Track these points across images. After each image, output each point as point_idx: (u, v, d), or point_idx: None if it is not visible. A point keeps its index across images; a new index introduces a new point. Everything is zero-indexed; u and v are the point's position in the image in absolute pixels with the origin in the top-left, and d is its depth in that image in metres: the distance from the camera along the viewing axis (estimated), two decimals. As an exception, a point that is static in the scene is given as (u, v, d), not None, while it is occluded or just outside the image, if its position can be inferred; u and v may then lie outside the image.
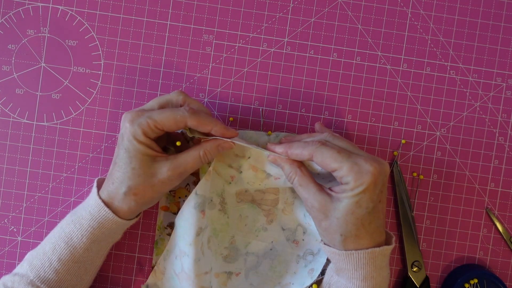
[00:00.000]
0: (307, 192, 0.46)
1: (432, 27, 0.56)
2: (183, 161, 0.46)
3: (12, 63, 0.55)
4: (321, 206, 0.45)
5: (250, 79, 0.55)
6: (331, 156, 0.44)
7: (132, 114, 0.46)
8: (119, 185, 0.46)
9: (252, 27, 0.55)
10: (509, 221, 0.56)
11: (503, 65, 0.56)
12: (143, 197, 0.46)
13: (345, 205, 0.44)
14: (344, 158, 0.44)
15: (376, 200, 0.44)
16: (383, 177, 0.45)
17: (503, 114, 0.56)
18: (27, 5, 0.55)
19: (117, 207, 0.47)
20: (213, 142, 0.47)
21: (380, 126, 0.55)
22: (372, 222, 0.45)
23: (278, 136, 0.53)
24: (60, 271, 0.47)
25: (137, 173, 0.45)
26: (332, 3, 0.55)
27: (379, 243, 0.46)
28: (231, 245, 0.53)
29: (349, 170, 0.44)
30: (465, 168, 0.56)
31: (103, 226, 0.47)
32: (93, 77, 0.55)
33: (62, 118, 0.55)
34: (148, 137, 0.45)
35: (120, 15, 0.55)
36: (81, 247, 0.47)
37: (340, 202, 0.44)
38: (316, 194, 0.45)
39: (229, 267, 0.53)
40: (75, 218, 0.47)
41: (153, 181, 0.46)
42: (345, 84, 0.55)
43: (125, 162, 0.46)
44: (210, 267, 0.50)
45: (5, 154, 0.55)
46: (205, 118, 0.46)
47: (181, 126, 0.46)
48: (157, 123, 0.45)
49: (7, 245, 0.55)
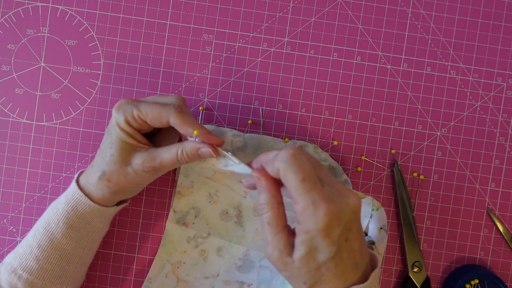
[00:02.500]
0: (271, 237, 0.40)
1: (432, 27, 0.55)
2: (159, 155, 0.46)
3: (11, 62, 0.55)
4: (280, 256, 0.40)
5: (250, 79, 0.55)
6: (292, 181, 0.39)
7: (121, 101, 0.46)
8: (96, 169, 0.46)
9: (252, 26, 0.55)
10: (510, 221, 0.55)
11: (503, 65, 0.56)
12: (117, 185, 0.46)
13: (301, 254, 0.39)
14: (304, 191, 0.38)
15: (340, 241, 0.39)
16: (345, 215, 0.39)
17: (504, 114, 0.56)
18: (26, 4, 0.55)
19: (91, 192, 0.47)
20: (195, 143, 0.45)
21: (380, 126, 0.55)
22: (339, 264, 0.39)
23: (295, 143, 0.53)
24: (40, 258, 0.46)
25: (114, 160, 0.45)
26: (332, 2, 0.55)
27: (354, 283, 0.40)
28: (246, 257, 0.54)
29: (303, 209, 0.38)
30: (466, 168, 0.55)
31: (77, 210, 0.47)
32: (92, 77, 0.55)
33: (62, 118, 0.55)
34: (130, 126, 0.45)
35: (120, 14, 0.55)
36: (58, 232, 0.47)
37: (296, 250, 0.39)
38: (280, 242, 0.40)
39: (242, 277, 0.54)
40: (53, 204, 0.48)
41: (127, 170, 0.46)
42: (345, 84, 0.55)
43: (105, 146, 0.46)
44: (216, 274, 0.53)
45: (4, 154, 0.54)
46: (189, 119, 0.45)
47: (164, 122, 0.45)
48: (141, 114, 0.45)
49: (6, 246, 0.54)
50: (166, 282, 0.53)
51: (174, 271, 0.54)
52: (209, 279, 0.54)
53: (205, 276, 0.54)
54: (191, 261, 0.54)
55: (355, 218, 0.40)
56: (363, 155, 0.55)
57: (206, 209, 0.54)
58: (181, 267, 0.54)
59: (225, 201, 0.54)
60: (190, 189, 0.54)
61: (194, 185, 0.54)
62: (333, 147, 0.55)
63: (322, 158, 0.53)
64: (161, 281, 0.53)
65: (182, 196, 0.54)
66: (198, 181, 0.54)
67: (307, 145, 0.54)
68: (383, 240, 0.52)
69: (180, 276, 0.54)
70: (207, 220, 0.54)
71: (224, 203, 0.54)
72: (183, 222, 0.54)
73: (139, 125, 0.46)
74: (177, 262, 0.54)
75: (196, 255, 0.54)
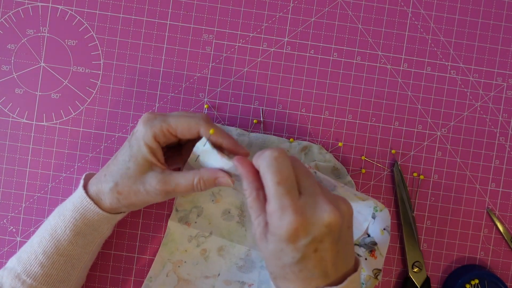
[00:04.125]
0: (254, 218, 0.41)
1: (432, 27, 0.55)
2: (175, 180, 0.45)
3: (11, 62, 0.55)
4: (259, 237, 0.41)
5: (250, 79, 0.55)
6: (269, 181, 0.39)
7: (149, 115, 0.46)
8: (109, 179, 0.46)
9: (252, 26, 0.55)
10: (510, 221, 0.55)
11: (504, 65, 0.56)
12: (126, 199, 0.46)
13: (271, 249, 0.40)
14: (277, 194, 0.39)
15: (308, 250, 0.39)
16: (315, 229, 0.38)
17: (504, 114, 0.56)
18: (26, 4, 0.55)
19: (101, 200, 0.46)
20: (212, 173, 0.45)
21: (380, 126, 0.55)
22: (304, 270, 0.39)
23: (300, 144, 0.53)
24: (45, 264, 0.46)
25: (130, 174, 0.45)
26: (332, 2, 0.55)
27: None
28: (247, 257, 0.54)
29: (272, 212, 0.39)
30: (466, 168, 0.55)
31: (86, 218, 0.46)
32: (92, 76, 0.55)
33: (62, 118, 0.55)
34: (157, 141, 0.45)
35: (120, 14, 0.55)
36: (65, 239, 0.46)
37: (267, 243, 0.40)
38: (260, 226, 0.41)
39: (243, 277, 0.54)
40: (60, 210, 0.48)
41: (139, 187, 0.45)
42: (345, 84, 0.55)
43: (124, 158, 0.46)
44: (217, 273, 0.54)
45: (4, 154, 0.54)
46: (218, 129, 0.45)
47: (194, 133, 0.45)
48: (170, 127, 0.45)
49: (6, 246, 0.54)
50: (166, 281, 0.53)
51: (175, 270, 0.54)
52: (209, 279, 0.54)
53: (206, 275, 0.54)
54: (192, 260, 0.54)
55: (328, 232, 0.39)
56: (363, 155, 0.55)
57: (208, 208, 0.54)
58: (182, 266, 0.54)
59: (227, 201, 0.54)
60: None
61: None
62: (334, 147, 0.55)
63: (326, 159, 0.53)
64: (162, 280, 0.53)
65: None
66: None
67: (312, 145, 0.53)
68: (386, 241, 0.52)
69: (181, 275, 0.54)
70: (210, 219, 0.54)
71: (226, 203, 0.54)
72: (185, 221, 0.54)
73: (167, 139, 0.46)
74: (178, 261, 0.54)
75: (197, 254, 0.54)
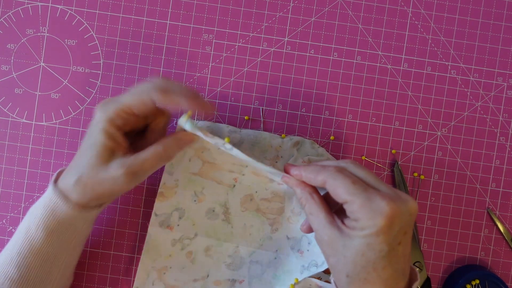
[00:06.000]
0: (317, 223, 0.42)
1: (433, 27, 0.55)
2: (140, 159, 0.43)
3: (11, 62, 0.55)
4: (330, 240, 0.40)
5: (250, 78, 0.55)
6: (344, 185, 0.39)
7: (104, 101, 0.45)
8: (73, 172, 0.44)
9: (252, 26, 0.55)
10: (510, 221, 0.55)
11: (504, 65, 0.55)
12: (92, 191, 0.44)
13: (355, 245, 0.39)
14: (358, 191, 0.39)
15: (394, 242, 0.38)
16: (405, 217, 0.39)
17: (504, 114, 0.56)
18: (26, 4, 0.55)
19: (69, 195, 0.44)
20: (172, 135, 0.45)
21: (380, 126, 0.55)
22: (387, 267, 0.39)
23: (291, 139, 0.53)
24: (21, 265, 0.45)
25: (92, 164, 0.43)
26: (333, 2, 0.55)
27: None
28: (235, 254, 0.53)
29: (361, 206, 0.38)
30: (466, 168, 0.55)
31: (56, 215, 0.44)
32: (92, 76, 0.55)
33: (61, 118, 0.55)
34: (115, 125, 0.44)
35: (120, 14, 0.55)
36: (39, 238, 0.44)
37: (350, 239, 0.39)
38: (326, 226, 0.41)
39: (233, 274, 0.53)
40: (32, 209, 0.46)
41: (103, 175, 0.43)
42: (345, 84, 0.55)
43: (84, 150, 0.44)
44: (206, 275, 0.53)
45: (3, 154, 0.54)
46: (174, 90, 0.43)
47: (148, 104, 0.43)
48: (124, 106, 0.43)
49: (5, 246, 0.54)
50: None
51: (160, 277, 0.52)
52: (198, 282, 0.52)
53: (195, 278, 0.52)
54: (178, 265, 0.52)
55: (411, 221, 0.39)
56: (364, 155, 0.55)
57: (191, 210, 0.52)
58: (167, 273, 0.52)
59: (211, 199, 0.53)
60: (174, 189, 0.52)
61: (179, 183, 0.52)
62: (334, 147, 0.55)
63: (319, 153, 0.53)
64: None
65: (164, 198, 0.52)
66: (183, 180, 0.52)
67: (304, 141, 0.53)
68: None
69: (168, 281, 0.52)
70: (193, 220, 0.53)
71: (210, 201, 0.53)
72: (167, 224, 0.52)
73: (124, 121, 0.44)
74: (163, 268, 0.52)
75: (183, 258, 0.53)
